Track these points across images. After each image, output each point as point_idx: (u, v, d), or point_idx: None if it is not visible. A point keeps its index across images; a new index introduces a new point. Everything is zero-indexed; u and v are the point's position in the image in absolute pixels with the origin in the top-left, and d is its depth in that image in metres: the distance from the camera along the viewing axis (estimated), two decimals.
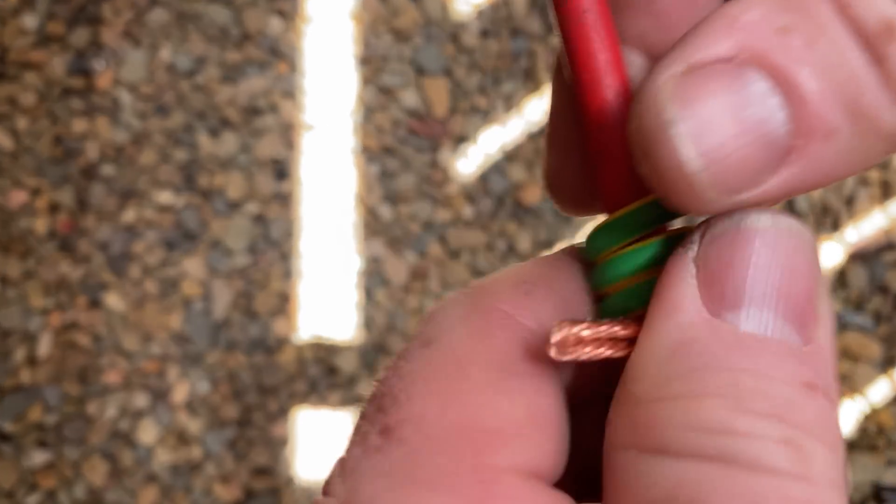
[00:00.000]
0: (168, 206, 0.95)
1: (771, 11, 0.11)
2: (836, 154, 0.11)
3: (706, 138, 0.10)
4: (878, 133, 0.11)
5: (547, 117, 0.15)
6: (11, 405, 0.91)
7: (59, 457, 0.92)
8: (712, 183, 0.11)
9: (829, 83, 0.10)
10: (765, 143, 0.10)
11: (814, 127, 0.11)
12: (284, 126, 0.96)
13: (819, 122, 0.11)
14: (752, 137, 0.10)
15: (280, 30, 0.97)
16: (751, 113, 0.10)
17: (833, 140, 0.11)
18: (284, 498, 0.93)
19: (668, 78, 0.11)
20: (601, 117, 0.13)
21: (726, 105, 0.10)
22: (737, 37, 0.11)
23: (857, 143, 0.11)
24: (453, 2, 0.99)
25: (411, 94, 0.97)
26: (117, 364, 0.93)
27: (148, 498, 0.92)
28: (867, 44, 0.10)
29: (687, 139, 0.10)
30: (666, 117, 0.11)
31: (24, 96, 0.95)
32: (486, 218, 0.96)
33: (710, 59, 0.11)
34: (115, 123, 0.95)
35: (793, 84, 0.10)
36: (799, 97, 0.10)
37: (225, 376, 0.94)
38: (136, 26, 0.96)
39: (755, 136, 0.10)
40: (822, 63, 0.10)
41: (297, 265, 0.95)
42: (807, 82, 0.10)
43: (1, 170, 0.95)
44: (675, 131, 0.10)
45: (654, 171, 0.11)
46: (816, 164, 0.11)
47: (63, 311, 0.93)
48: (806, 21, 0.10)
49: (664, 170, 0.11)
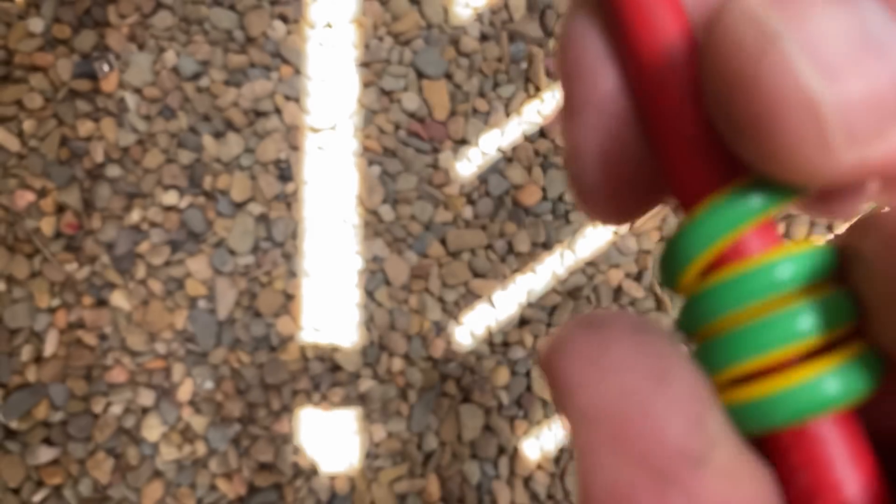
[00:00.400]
0: (173, 207, 0.95)
1: None
2: None
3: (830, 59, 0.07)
4: None
5: (561, 108, 0.11)
6: (18, 403, 0.92)
7: (65, 454, 0.93)
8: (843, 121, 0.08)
9: None
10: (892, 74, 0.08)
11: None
12: (288, 128, 0.97)
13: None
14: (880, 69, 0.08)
15: (283, 33, 0.98)
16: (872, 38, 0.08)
17: None
18: (288, 494, 0.93)
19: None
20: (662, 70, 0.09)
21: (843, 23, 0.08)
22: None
23: None
24: (453, 6, 0.99)
25: (412, 96, 0.97)
26: (122, 362, 0.94)
27: (153, 494, 0.93)
28: None
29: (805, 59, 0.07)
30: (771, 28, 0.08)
31: (30, 98, 0.95)
32: (485, 219, 0.97)
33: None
34: (121, 125, 0.96)
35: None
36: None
37: (229, 374, 0.95)
38: (141, 29, 0.97)
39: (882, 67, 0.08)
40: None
41: (300, 265, 0.96)
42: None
43: (7, 171, 0.95)
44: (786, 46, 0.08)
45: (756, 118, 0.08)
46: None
47: (69, 311, 0.94)
48: None
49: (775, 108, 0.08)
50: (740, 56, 0.08)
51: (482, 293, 0.96)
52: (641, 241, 0.98)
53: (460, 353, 0.95)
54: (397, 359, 0.95)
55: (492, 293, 0.96)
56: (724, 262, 0.09)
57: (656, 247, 0.99)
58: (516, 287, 0.97)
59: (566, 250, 0.98)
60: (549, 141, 0.98)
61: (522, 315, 0.97)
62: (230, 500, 0.94)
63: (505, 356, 0.96)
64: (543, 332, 0.97)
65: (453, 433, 0.95)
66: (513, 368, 0.96)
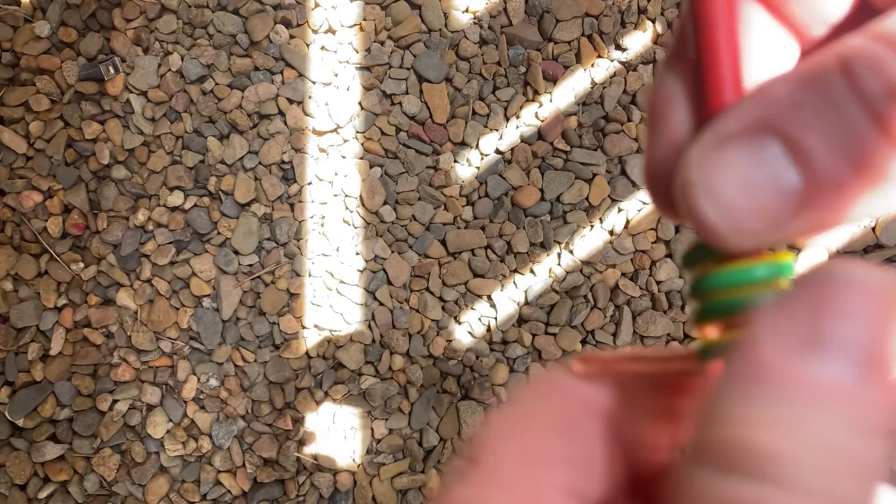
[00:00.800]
0: (178, 208, 0.96)
1: (793, 89, 0.13)
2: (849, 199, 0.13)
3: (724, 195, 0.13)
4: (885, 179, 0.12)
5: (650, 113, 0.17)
6: (24, 400, 0.93)
7: (71, 451, 0.94)
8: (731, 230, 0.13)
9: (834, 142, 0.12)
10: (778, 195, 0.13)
11: (821, 178, 0.12)
12: (291, 131, 0.98)
13: (826, 173, 0.12)
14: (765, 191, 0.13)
15: (286, 37, 0.99)
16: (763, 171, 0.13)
17: (843, 189, 0.12)
18: (291, 490, 0.94)
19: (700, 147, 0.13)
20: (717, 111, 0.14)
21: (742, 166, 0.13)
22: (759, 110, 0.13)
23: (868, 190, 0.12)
24: (453, 11, 1.00)
25: (412, 100, 0.98)
26: (128, 360, 0.95)
27: (158, 490, 0.94)
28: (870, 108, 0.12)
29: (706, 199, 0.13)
30: (690, 180, 0.13)
31: (36, 101, 0.96)
32: (485, 219, 0.98)
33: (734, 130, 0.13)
34: (127, 127, 0.97)
35: (801, 147, 0.12)
36: (806, 155, 0.12)
37: (233, 372, 0.96)
38: (146, 33, 0.98)
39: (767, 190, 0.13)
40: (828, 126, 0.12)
41: (303, 265, 0.97)
42: (813, 143, 0.12)
43: (14, 172, 0.96)
44: (696, 192, 0.13)
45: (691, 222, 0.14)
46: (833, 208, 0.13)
47: (75, 309, 0.95)
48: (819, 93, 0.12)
49: (693, 220, 0.13)
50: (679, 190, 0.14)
51: (481, 292, 0.98)
52: (637, 241, 1.00)
53: (460, 351, 0.97)
54: (398, 357, 0.96)
55: (491, 292, 0.98)
56: (725, 262, 0.15)
57: (652, 247, 1.00)
58: (515, 286, 0.98)
59: (564, 250, 0.99)
60: (547, 143, 0.99)
61: (521, 314, 0.98)
62: (234, 495, 0.95)
63: (504, 354, 0.98)
64: (542, 330, 0.98)
65: (453, 430, 0.96)
66: (512, 366, 0.98)
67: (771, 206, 0.13)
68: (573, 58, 1.01)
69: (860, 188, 0.12)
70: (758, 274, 0.14)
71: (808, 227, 0.13)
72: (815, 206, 0.13)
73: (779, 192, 0.13)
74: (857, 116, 0.12)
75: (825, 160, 0.12)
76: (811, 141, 0.12)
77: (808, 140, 0.12)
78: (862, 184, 0.12)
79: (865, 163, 0.12)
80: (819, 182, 0.12)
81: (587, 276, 0.99)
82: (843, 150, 0.12)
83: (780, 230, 0.13)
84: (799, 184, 0.13)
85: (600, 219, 1.00)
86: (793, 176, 0.13)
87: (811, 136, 0.12)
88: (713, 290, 0.15)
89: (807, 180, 0.13)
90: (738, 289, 0.14)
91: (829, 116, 0.12)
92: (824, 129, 0.12)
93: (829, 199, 0.13)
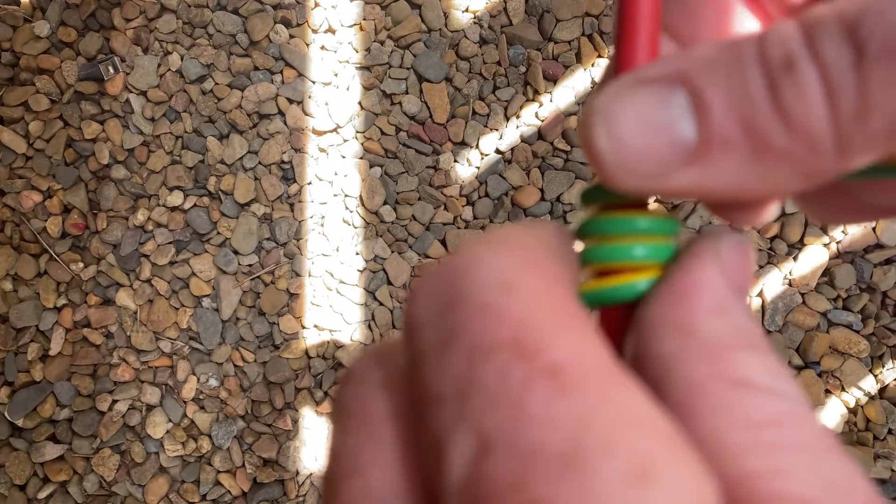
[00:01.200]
0: (177, 208, 0.96)
1: (713, 48, 0.13)
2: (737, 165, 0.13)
3: (619, 128, 0.13)
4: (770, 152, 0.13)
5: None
6: (24, 401, 0.93)
7: (71, 451, 0.94)
8: (621, 166, 0.13)
9: (732, 102, 0.13)
10: (671, 141, 0.13)
11: (714, 135, 0.13)
12: (290, 130, 0.98)
13: (719, 131, 0.13)
14: (661, 136, 0.13)
15: (286, 37, 0.99)
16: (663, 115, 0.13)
17: (730, 150, 0.13)
18: (290, 490, 0.94)
19: (615, 84, 0.14)
20: None
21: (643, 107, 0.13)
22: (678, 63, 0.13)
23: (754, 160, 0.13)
24: (453, 11, 1.00)
25: (412, 99, 0.98)
26: (128, 360, 0.95)
27: (157, 491, 0.94)
28: (768, 74, 0.12)
29: (601, 127, 0.13)
30: (595, 108, 0.13)
31: (36, 101, 0.96)
32: (484, 219, 0.98)
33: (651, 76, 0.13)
34: (126, 127, 0.97)
35: (702, 100, 0.13)
36: (705, 110, 0.13)
37: (233, 372, 0.96)
38: (145, 33, 0.98)
39: (662, 134, 0.13)
40: (731, 86, 0.13)
41: (303, 265, 0.97)
42: (713, 99, 0.13)
43: (14, 172, 0.96)
44: (595, 119, 0.13)
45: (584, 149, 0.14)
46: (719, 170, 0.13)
47: (75, 310, 0.95)
48: (731, 55, 0.13)
49: (586, 148, 0.13)
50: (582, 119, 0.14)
51: None
52: None
53: None
54: None
55: None
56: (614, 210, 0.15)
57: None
58: None
59: None
60: (547, 143, 0.99)
61: None
62: (234, 496, 0.95)
63: None
64: None
65: None
66: None
67: (661, 151, 0.13)
68: (573, 57, 1.01)
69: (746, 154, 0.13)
70: (639, 225, 0.15)
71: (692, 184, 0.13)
72: (703, 163, 0.13)
73: (672, 139, 0.13)
74: (756, 82, 0.12)
75: (720, 118, 0.13)
76: (712, 96, 0.13)
77: (709, 95, 0.13)
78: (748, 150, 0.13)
79: (755, 129, 0.13)
80: (710, 138, 0.13)
81: None
82: (738, 112, 0.13)
83: (665, 179, 0.13)
84: (692, 136, 0.13)
85: None
86: (689, 127, 0.13)
87: (713, 92, 0.13)
88: (595, 234, 0.15)
89: (700, 134, 0.13)
90: (619, 237, 0.15)
91: (734, 78, 0.13)
92: (727, 87, 0.13)
93: (717, 158, 0.13)
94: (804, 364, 0.97)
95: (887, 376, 0.97)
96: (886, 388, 0.97)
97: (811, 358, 0.97)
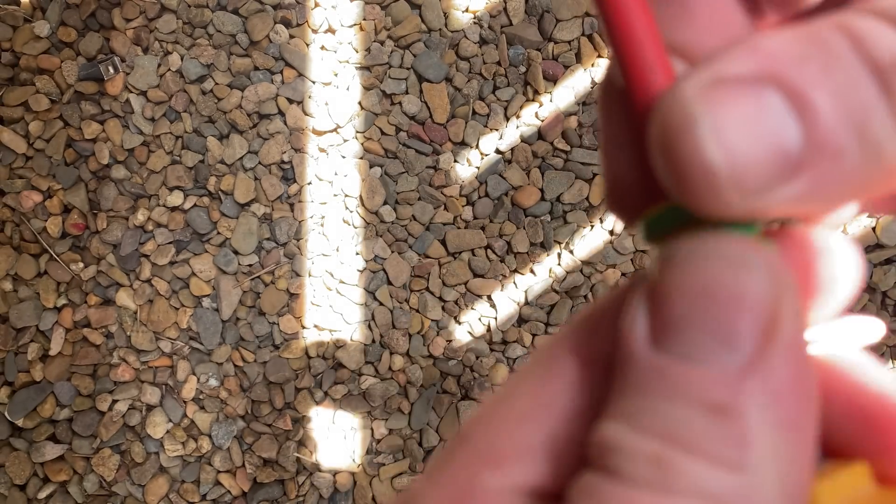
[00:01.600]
0: (177, 208, 0.96)
1: (792, 42, 0.11)
2: (843, 174, 0.11)
3: (729, 137, 0.11)
4: (880, 160, 0.11)
5: (603, 133, 0.16)
6: (24, 401, 0.93)
7: (71, 451, 0.94)
8: (733, 182, 0.11)
9: (841, 106, 0.11)
10: (779, 152, 0.11)
11: (824, 144, 0.11)
12: (290, 130, 0.98)
13: (829, 140, 0.11)
14: (769, 145, 0.11)
15: (286, 37, 0.99)
16: (768, 124, 0.11)
17: (841, 160, 0.11)
18: (290, 490, 0.94)
19: (695, 82, 0.11)
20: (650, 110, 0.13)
21: (747, 112, 0.11)
22: (758, 59, 0.11)
23: (862, 168, 0.11)
24: (453, 11, 1.00)
25: (412, 99, 0.98)
26: (128, 360, 0.95)
27: (157, 491, 0.94)
28: (879, 75, 0.11)
29: (711, 136, 0.11)
30: (692, 113, 0.11)
31: (36, 101, 0.96)
32: (485, 219, 0.98)
33: (734, 75, 0.11)
34: (126, 127, 0.97)
35: (807, 103, 0.11)
36: (812, 115, 0.11)
37: (233, 372, 0.96)
38: (145, 33, 0.98)
39: (771, 144, 0.11)
40: (836, 88, 0.11)
41: (303, 265, 0.97)
42: (820, 103, 0.11)
43: (14, 172, 0.96)
44: (699, 128, 0.11)
45: (675, 169, 0.11)
46: (825, 181, 0.11)
47: (75, 310, 0.95)
48: (823, 51, 0.11)
49: (686, 166, 0.11)
50: (668, 128, 0.11)
51: (481, 292, 0.97)
52: (637, 241, 1.00)
53: (460, 352, 0.97)
54: (398, 357, 0.96)
55: (491, 292, 0.98)
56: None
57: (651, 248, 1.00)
58: (515, 286, 0.98)
59: (564, 250, 0.99)
60: (547, 143, 0.99)
61: (521, 314, 0.98)
62: (234, 496, 0.95)
63: (504, 354, 0.98)
64: (542, 330, 0.98)
65: (453, 430, 0.96)
66: (512, 366, 0.98)
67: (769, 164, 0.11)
68: (573, 57, 1.01)
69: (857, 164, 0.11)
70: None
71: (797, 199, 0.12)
72: (810, 174, 0.11)
73: (780, 148, 0.11)
74: (864, 81, 0.11)
75: (830, 120, 0.11)
76: (818, 97, 0.11)
77: (814, 96, 0.11)
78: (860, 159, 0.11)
79: (868, 133, 0.11)
80: (820, 144, 0.11)
81: (587, 276, 0.99)
82: (848, 114, 0.11)
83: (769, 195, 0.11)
84: (799, 143, 0.11)
85: (600, 219, 1.00)
86: (794, 133, 0.11)
87: (818, 93, 0.11)
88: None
89: (808, 140, 0.11)
90: None
91: (837, 76, 0.11)
92: (831, 87, 0.11)
93: (826, 169, 0.11)
94: None
95: None
96: None
97: None
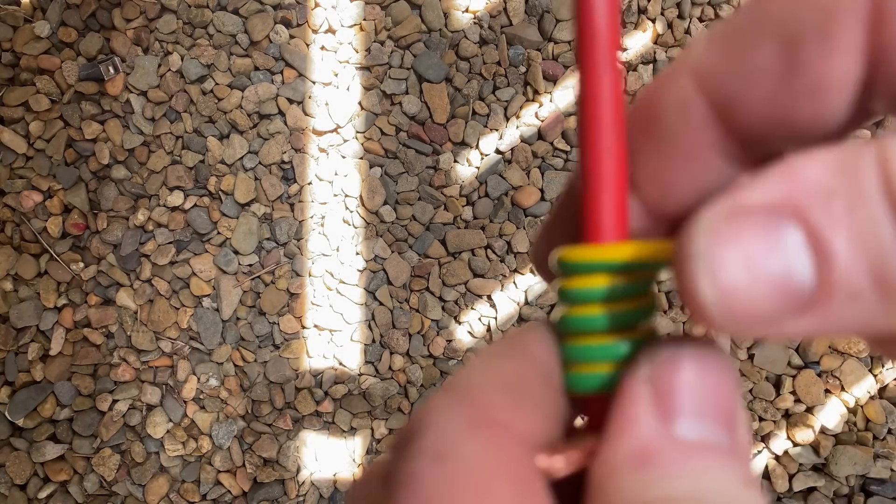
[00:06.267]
0: (178, 208, 0.96)
1: (825, 171, 0.11)
2: (856, 316, 0.11)
3: (727, 276, 0.11)
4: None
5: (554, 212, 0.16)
6: (24, 401, 0.93)
7: (71, 451, 0.94)
8: (724, 317, 0.11)
9: (860, 249, 0.11)
10: (787, 291, 0.11)
11: (838, 286, 0.11)
12: (291, 131, 0.98)
13: (844, 283, 0.11)
14: (775, 283, 0.11)
15: (286, 37, 0.99)
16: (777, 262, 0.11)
17: (854, 302, 0.11)
18: (291, 490, 0.94)
19: (713, 212, 0.12)
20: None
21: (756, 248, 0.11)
22: (787, 188, 0.11)
23: (878, 311, 0.11)
24: (453, 11, 1.00)
25: (413, 100, 0.98)
26: (128, 360, 0.95)
27: (158, 490, 0.94)
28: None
29: (706, 274, 0.11)
30: (694, 250, 0.11)
31: (36, 101, 0.96)
32: (485, 219, 0.98)
33: (755, 204, 0.11)
34: (126, 127, 0.97)
35: (824, 245, 0.11)
36: (828, 256, 0.11)
37: (233, 372, 0.96)
38: (146, 33, 0.98)
39: (779, 282, 0.11)
40: (857, 230, 0.11)
41: (303, 265, 0.97)
42: (838, 247, 0.11)
43: (14, 172, 0.96)
44: (697, 265, 0.11)
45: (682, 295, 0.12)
46: (838, 320, 0.11)
47: (75, 309, 0.95)
48: (852, 187, 0.11)
49: (685, 295, 0.12)
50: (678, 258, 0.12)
51: (482, 292, 0.98)
52: None
53: (460, 351, 0.97)
54: (398, 356, 0.96)
55: (491, 292, 0.98)
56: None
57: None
58: (515, 286, 0.98)
59: None
60: (547, 143, 0.99)
61: (521, 314, 0.98)
62: (234, 495, 0.95)
63: None
64: None
65: None
66: None
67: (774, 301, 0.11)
68: (573, 57, 1.01)
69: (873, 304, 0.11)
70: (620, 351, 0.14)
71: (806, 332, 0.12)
72: (821, 312, 0.11)
73: (787, 287, 0.11)
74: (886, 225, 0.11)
75: (847, 263, 0.11)
76: (837, 240, 0.11)
77: (834, 238, 0.11)
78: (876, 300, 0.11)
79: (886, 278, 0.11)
80: (832, 288, 0.11)
81: None
82: (866, 261, 0.11)
83: (775, 327, 0.11)
84: (811, 283, 0.11)
85: None
86: (806, 273, 0.11)
87: (838, 235, 0.11)
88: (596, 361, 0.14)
89: (820, 282, 0.11)
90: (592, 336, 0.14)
91: (860, 217, 0.11)
92: (852, 228, 0.11)
93: (838, 308, 0.11)
94: (804, 364, 0.97)
95: (887, 376, 0.97)
96: (886, 387, 0.97)
97: (811, 358, 0.97)
